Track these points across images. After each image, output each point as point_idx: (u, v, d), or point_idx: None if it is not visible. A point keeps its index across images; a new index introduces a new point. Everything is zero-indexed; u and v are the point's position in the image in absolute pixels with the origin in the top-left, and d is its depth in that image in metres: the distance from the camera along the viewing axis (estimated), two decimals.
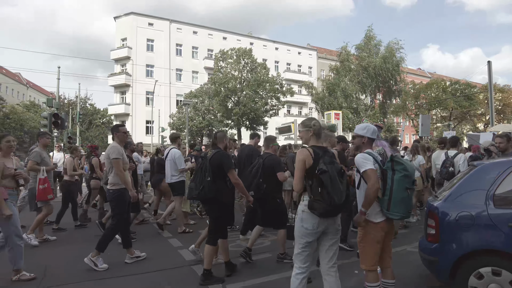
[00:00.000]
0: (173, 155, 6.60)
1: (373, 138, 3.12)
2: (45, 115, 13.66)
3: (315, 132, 2.96)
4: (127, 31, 38.05)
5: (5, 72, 49.29)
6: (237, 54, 28.67)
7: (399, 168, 2.89)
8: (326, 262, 2.90)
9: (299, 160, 2.83)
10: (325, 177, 2.65)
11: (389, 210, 2.88)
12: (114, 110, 38.28)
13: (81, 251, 5.01)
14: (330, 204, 2.64)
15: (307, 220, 2.81)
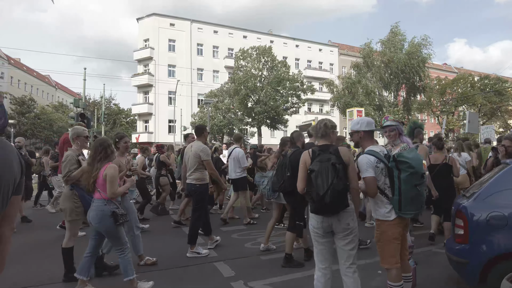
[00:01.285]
0: (237, 154, 7.21)
1: (370, 130, 3.04)
2: (72, 115, 14.14)
3: (312, 134, 3.09)
4: (149, 32, 38.80)
5: (35, 74, 51.42)
6: (257, 53, 28.67)
7: (404, 167, 2.82)
8: (342, 263, 2.86)
9: (301, 162, 2.96)
10: (313, 175, 2.69)
11: (401, 210, 2.83)
12: (137, 109, 39.16)
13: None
14: (317, 200, 2.63)
15: (312, 219, 2.88)
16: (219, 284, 3.99)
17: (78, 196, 3.99)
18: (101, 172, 3.53)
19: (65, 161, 4.00)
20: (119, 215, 3.49)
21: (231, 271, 4.36)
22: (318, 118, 18.15)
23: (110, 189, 3.48)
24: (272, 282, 3.98)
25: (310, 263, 4.58)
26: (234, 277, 4.15)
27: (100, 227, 3.53)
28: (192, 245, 4.98)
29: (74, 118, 13.51)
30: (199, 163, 5.15)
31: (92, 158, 3.59)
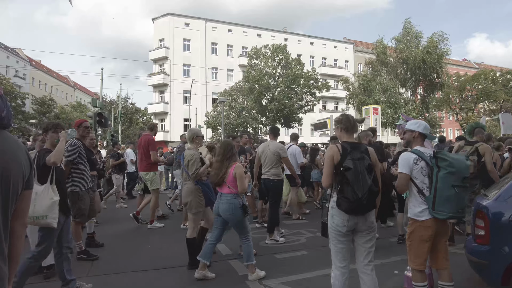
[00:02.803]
0: (293, 151, 7.41)
1: (424, 134, 3.03)
2: (90, 115, 14.46)
3: (344, 128, 2.94)
4: (165, 31, 39.19)
5: (55, 75, 52.77)
6: (271, 51, 28.58)
7: (444, 165, 2.78)
8: (361, 260, 2.84)
9: (327, 157, 2.86)
10: (349, 174, 2.64)
11: (434, 209, 2.78)
12: (153, 109, 39.67)
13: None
14: (355, 201, 2.62)
15: (336, 217, 2.81)
16: (234, 282, 4.01)
17: (201, 191, 4.50)
18: (230, 170, 4.01)
19: (192, 160, 4.48)
20: (246, 207, 4.01)
21: (245, 269, 4.36)
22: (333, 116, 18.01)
23: (241, 186, 3.97)
24: (287, 281, 3.98)
25: (324, 261, 4.55)
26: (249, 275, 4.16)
27: (230, 217, 4.00)
28: (270, 233, 5.62)
29: (92, 117, 13.81)
30: (277, 160, 5.71)
31: (222, 157, 4.10)
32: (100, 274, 4.31)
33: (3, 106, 1.27)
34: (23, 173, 1.31)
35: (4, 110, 1.27)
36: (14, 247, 1.38)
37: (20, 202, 1.36)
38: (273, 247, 5.38)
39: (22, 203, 1.38)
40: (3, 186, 1.20)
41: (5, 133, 1.30)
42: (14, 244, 1.37)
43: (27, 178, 1.36)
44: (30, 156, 1.38)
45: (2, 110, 1.26)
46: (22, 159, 1.31)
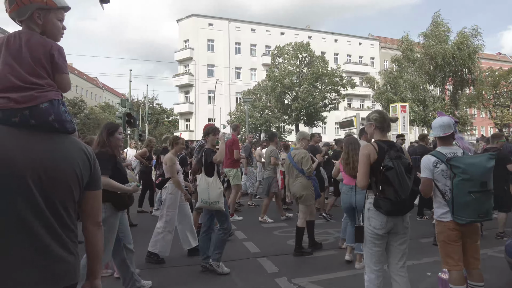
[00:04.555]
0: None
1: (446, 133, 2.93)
2: (119, 115, 14.90)
3: (377, 126, 2.85)
4: (189, 32, 39.81)
5: (85, 77, 54.81)
6: (294, 49, 28.41)
7: (457, 172, 2.70)
8: (395, 262, 2.77)
9: (364, 155, 2.73)
10: (391, 173, 2.54)
11: (454, 213, 2.73)
12: (179, 109, 40.43)
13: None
14: (397, 202, 2.54)
15: (374, 219, 2.72)
16: (263, 280, 4.05)
17: (313, 185, 5.13)
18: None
19: (305, 157, 5.13)
20: None
21: (274, 267, 4.40)
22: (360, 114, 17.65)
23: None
24: (317, 280, 3.97)
25: (343, 263, 4.51)
26: (278, 274, 4.19)
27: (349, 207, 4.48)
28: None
29: (121, 118, 14.24)
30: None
31: (347, 153, 4.58)
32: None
33: (51, 110, 1.31)
34: (78, 175, 1.34)
35: (52, 114, 1.31)
36: (90, 245, 1.43)
37: (86, 203, 1.40)
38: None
39: (88, 204, 1.41)
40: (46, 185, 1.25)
41: (60, 137, 1.34)
42: (90, 242, 1.43)
43: (88, 180, 1.39)
44: (90, 159, 1.41)
45: (50, 113, 1.30)
46: (78, 162, 1.34)
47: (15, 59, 1.30)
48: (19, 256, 1.20)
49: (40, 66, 1.33)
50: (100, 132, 3.46)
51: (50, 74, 1.37)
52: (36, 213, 1.24)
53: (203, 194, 4.21)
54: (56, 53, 1.37)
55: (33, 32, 1.37)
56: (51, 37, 1.42)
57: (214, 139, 4.50)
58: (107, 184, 3.17)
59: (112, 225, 3.28)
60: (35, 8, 1.35)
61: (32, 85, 1.30)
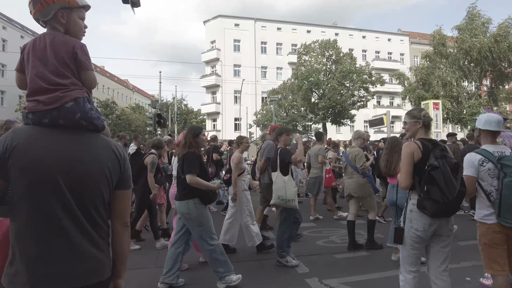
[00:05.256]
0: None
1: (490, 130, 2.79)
2: (150, 116, 15.34)
3: (425, 124, 2.73)
4: (216, 33, 40.28)
5: (116, 79, 56.79)
6: (321, 46, 28.06)
7: (508, 172, 2.56)
8: (437, 266, 2.65)
9: (407, 154, 2.61)
10: (437, 173, 2.41)
11: (500, 215, 2.59)
12: (206, 109, 41.07)
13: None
14: (443, 203, 2.40)
15: (416, 221, 2.59)
16: (293, 280, 4.04)
17: (368, 181, 5.36)
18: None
19: (359, 155, 5.35)
20: None
21: (305, 268, 4.39)
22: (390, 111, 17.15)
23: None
24: (349, 281, 3.92)
25: (386, 263, 4.41)
26: (308, 274, 4.17)
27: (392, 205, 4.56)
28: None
29: (152, 118, 14.64)
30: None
31: (390, 150, 4.61)
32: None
33: (76, 108, 1.33)
34: (107, 175, 1.37)
35: (78, 112, 1.33)
36: (117, 245, 1.44)
37: (115, 202, 1.42)
38: (332, 247, 5.33)
39: (117, 203, 1.43)
40: (77, 185, 1.29)
41: (89, 136, 1.38)
42: (117, 242, 1.44)
43: (118, 179, 1.41)
44: (120, 158, 1.43)
45: (75, 112, 1.33)
46: (106, 161, 1.37)
47: (41, 61, 1.34)
48: (53, 253, 1.25)
49: (65, 66, 1.36)
50: (186, 134, 3.78)
51: (75, 72, 1.39)
52: (67, 212, 1.28)
53: (280, 191, 4.36)
54: (79, 51, 1.39)
55: (56, 33, 1.40)
56: (74, 35, 1.45)
57: (287, 139, 4.64)
58: (196, 182, 3.57)
59: (206, 215, 3.70)
60: (58, 7, 1.39)
61: (56, 86, 1.33)
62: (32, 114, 1.32)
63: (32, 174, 1.25)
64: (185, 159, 3.67)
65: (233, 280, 3.75)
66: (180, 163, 3.76)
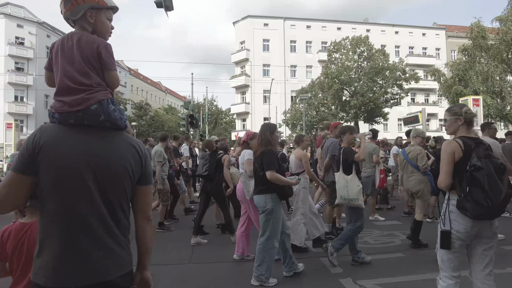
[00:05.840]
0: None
1: None
2: (182, 117, 15.74)
3: (467, 121, 2.59)
4: (245, 34, 40.58)
5: (149, 82, 58.66)
6: (351, 43, 27.49)
7: None
8: (480, 269, 2.51)
9: (447, 153, 2.50)
10: (479, 174, 2.29)
11: None
12: (236, 109, 41.52)
13: None
14: (486, 205, 2.27)
15: (457, 222, 2.47)
16: (327, 280, 4.02)
17: (429, 180, 5.34)
18: None
19: (421, 153, 5.34)
20: None
21: (338, 268, 4.34)
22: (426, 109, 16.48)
23: None
24: (384, 283, 3.84)
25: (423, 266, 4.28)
26: (342, 274, 4.14)
27: None
28: None
29: (185, 119, 15.02)
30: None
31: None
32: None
33: (100, 111, 1.38)
34: (129, 171, 1.41)
35: (102, 114, 1.38)
36: (140, 238, 1.50)
37: (137, 197, 1.47)
38: (366, 248, 5.22)
39: (139, 198, 1.48)
40: (102, 181, 1.35)
41: (113, 134, 1.43)
42: (140, 236, 1.49)
43: (140, 175, 1.46)
44: (141, 155, 1.48)
45: (99, 114, 1.37)
46: (127, 157, 1.42)
47: (68, 61, 1.38)
48: (77, 248, 1.30)
49: (90, 65, 1.39)
50: (263, 132, 3.97)
51: (99, 72, 1.42)
52: (93, 209, 1.33)
53: (342, 191, 4.41)
54: (103, 51, 1.42)
55: (82, 32, 1.44)
56: (101, 35, 1.49)
57: (350, 137, 4.64)
58: (276, 178, 3.74)
59: (279, 213, 3.84)
60: (88, 7, 1.43)
61: (82, 86, 1.36)
62: (58, 114, 1.36)
63: (60, 171, 1.30)
64: (264, 157, 3.85)
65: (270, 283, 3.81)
66: (258, 161, 3.93)
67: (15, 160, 1.39)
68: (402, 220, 7.07)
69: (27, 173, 1.30)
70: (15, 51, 35.50)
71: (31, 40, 36.69)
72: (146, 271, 1.54)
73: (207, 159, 5.84)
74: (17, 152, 6.85)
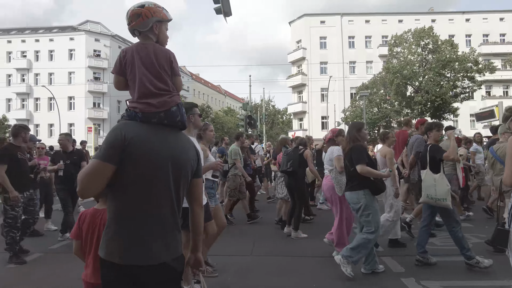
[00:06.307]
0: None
1: None
2: (241, 118, 16.28)
3: None
4: (301, 33, 40.39)
5: (210, 85, 61.24)
6: (414, 36, 25.86)
7: None
8: None
9: None
10: None
11: None
12: (292, 109, 41.53)
13: None
14: None
15: None
16: (389, 278, 3.96)
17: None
18: None
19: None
20: None
21: (400, 267, 4.26)
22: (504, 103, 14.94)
23: None
24: (449, 285, 3.70)
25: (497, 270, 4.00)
26: (404, 274, 4.05)
27: None
28: None
29: (243, 120, 15.51)
30: None
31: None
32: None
33: (178, 112, 1.60)
34: (191, 165, 1.64)
35: (179, 116, 1.60)
36: (194, 224, 1.73)
37: (192, 188, 1.68)
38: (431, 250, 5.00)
39: (195, 189, 1.70)
40: (176, 173, 1.57)
41: (180, 133, 1.66)
42: (194, 221, 1.73)
43: (195, 169, 1.68)
44: (198, 152, 1.75)
45: (177, 115, 1.59)
46: (191, 154, 1.66)
47: (147, 68, 1.58)
48: (151, 231, 1.48)
49: (164, 72, 1.61)
50: (349, 130, 4.21)
51: (170, 77, 1.64)
52: (167, 197, 1.52)
53: (430, 190, 4.30)
54: (173, 59, 1.67)
55: (153, 43, 1.66)
56: (162, 44, 1.71)
57: (438, 134, 4.53)
58: (367, 171, 3.87)
59: (374, 207, 3.95)
60: (155, 20, 1.64)
61: (162, 91, 1.57)
62: (142, 114, 1.54)
63: (147, 163, 1.48)
64: (353, 152, 3.98)
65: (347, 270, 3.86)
66: (348, 156, 4.07)
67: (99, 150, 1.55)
68: (474, 223, 6.61)
69: (112, 163, 1.44)
70: (93, 62, 39.64)
71: (106, 51, 40.57)
72: (199, 253, 1.76)
73: (291, 155, 6.01)
74: None
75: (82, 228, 2.16)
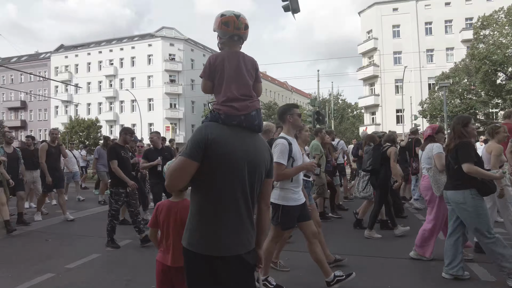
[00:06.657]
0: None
1: None
2: (309, 114, 16.14)
3: None
4: (372, 22, 38.37)
5: (277, 82, 61.62)
6: (508, 14, 22.81)
7: None
8: None
9: None
10: None
11: None
12: (364, 102, 39.73)
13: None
14: None
15: None
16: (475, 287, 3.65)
17: None
18: None
19: None
20: None
21: (489, 276, 3.88)
22: None
23: None
24: None
25: None
26: (495, 284, 3.68)
27: None
28: None
29: (311, 116, 15.36)
30: None
31: None
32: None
33: (256, 117, 1.70)
34: (266, 166, 1.73)
35: (256, 119, 1.70)
36: (260, 221, 1.82)
37: (263, 187, 1.77)
38: None
39: (264, 188, 1.78)
40: (252, 173, 1.67)
41: (257, 135, 1.75)
42: (261, 219, 1.82)
43: (268, 169, 1.77)
44: (271, 154, 1.84)
45: (255, 120, 1.69)
46: (265, 155, 1.74)
47: (235, 74, 1.71)
48: (226, 226, 1.60)
49: (250, 78, 1.75)
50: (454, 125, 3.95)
51: (253, 83, 1.77)
52: (243, 195, 1.63)
53: None
54: (257, 67, 1.82)
55: (242, 51, 1.81)
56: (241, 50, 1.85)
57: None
58: (475, 171, 3.59)
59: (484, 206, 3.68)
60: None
61: (245, 96, 1.69)
62: (225, 116, 1.66)
63: (227, 162, 1.60)
64: (459, 149, 3.70)
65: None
66: (453, 154, 3.79)
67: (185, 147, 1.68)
68: None
69: (197, 160, 1.58)
70: (169, 66, 42.80)
71: (180, 55, 43.40)
72: (261, 250, 1.85)
73: (371, 153, 5.87)
74: None
75: (159, 218, 2.38)
